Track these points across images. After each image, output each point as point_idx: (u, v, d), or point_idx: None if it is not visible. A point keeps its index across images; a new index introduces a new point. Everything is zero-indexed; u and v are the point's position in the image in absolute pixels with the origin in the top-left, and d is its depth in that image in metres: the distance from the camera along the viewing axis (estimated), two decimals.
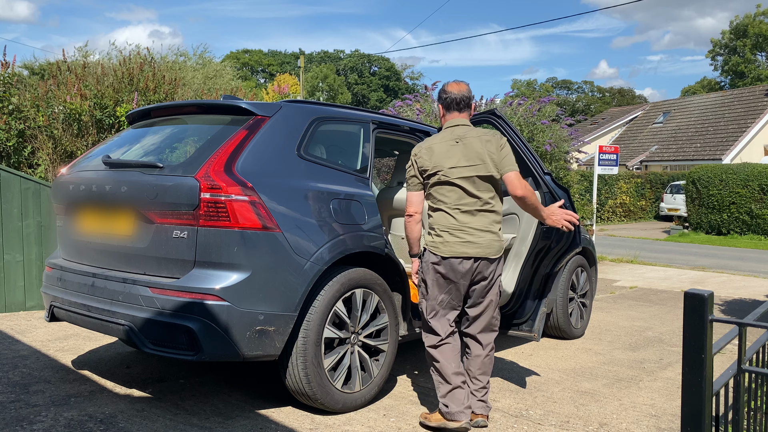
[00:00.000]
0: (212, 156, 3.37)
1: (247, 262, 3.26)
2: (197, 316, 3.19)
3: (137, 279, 3.43)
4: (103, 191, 3.67)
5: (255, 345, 3.30)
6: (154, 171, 3.50)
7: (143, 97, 6.99)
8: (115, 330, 3.46)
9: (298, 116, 3.82)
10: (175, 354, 3.30)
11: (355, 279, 3.67)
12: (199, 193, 3.23)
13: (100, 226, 3.74)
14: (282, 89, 9.30)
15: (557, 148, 10.82)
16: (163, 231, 3.35)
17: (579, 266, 5.95)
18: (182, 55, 30.65)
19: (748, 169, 18.74)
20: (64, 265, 3.98)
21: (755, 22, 49.46)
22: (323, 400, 3.55)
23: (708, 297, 1.76)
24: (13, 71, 6.73)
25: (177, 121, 4.23)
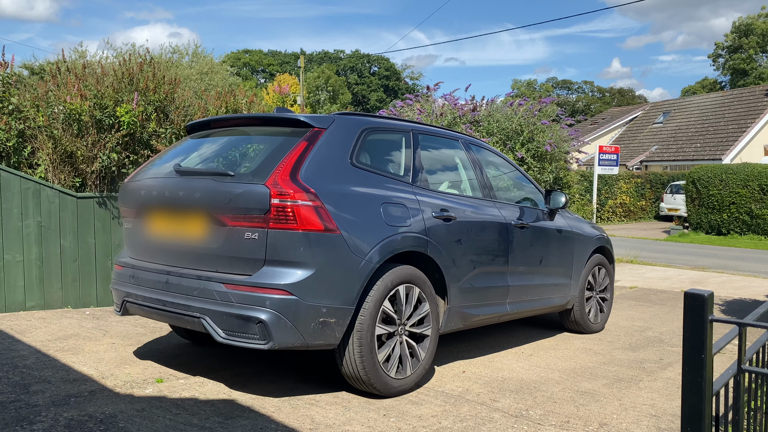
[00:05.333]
0: (279, 165, 3.75)
1: (312, 261, 3.64)
2: (268, 309, 3.56)
3: (211, 276, 3.78)
4: (177, 197, 4.03)
5: (318, 335, 3.70)
6: (226, 179, 3.86)
7: (143, 97, 6.99)
8: (190, 322, 3.83)
9: (349, 127, 4.21)
10: (248, 343, 3.63)
11: (402, 275, 4.05)
12: (269, 199, 3.60)
13: (173, 228, 4.08)
14: (282, 89, 9.29)
15: (557, 148, 10.82)
16: (235, 233, 3.71)
17: (598, 264, 6.21)
18: (176, 51, 30.74)
19: (748, 169, 18.73)
20: (135, 263, 4.31)
21: (758, 22, 49.47)
22: (377, 385, 3.92)
23: (708, 297, 1.76)
24: (12, 71, 6.73)
25: (237, 132, 4.61)
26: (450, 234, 4.45)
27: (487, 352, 5.36)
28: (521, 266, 5.18)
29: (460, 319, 4.61)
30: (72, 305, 6.50)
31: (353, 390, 4.12)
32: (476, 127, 10.23)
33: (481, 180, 5.14)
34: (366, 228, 3.88)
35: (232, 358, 4.89)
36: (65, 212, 6.47)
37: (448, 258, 4.40)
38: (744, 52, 50.70)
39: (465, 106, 10.55)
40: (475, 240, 4.71)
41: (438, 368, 4.79)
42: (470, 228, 4.67)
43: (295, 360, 4.87)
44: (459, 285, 4.51)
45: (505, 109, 10.88)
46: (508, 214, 5.14)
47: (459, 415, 3.82)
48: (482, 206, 4.94)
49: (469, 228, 4.65)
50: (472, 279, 4.64)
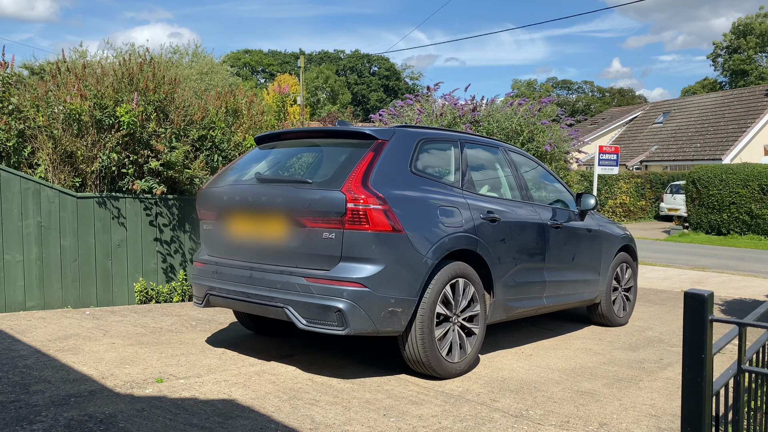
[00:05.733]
0: (351, 173, 4.23)
1: (382, 257, 4.12)
2: (345, 299, 4.03)
3: (293, 271, 4.26)
4: (259, 201, 4.53)
5: (387, 322, 4.17)
6: (305, 186, 4.39)
7: (143, 96, 6.99)
8: (274, 312, 4.33)
9: (407, 139, 4.69)
10: (327, 329, 4.09)
11: (456, 271, 4.52)
12: (345, 204, 4.08)
13: (255, 229, 4.56)
14: (282, 89, 9.29)
15: (557, 148, 10.82)
16: (314, 233, 4.20)
17: (623, 261, 6.70)
18: (176, 51, 30.72)
19: (748, 169, 18.73)
20: (217, 260, 4.78)
21: (756, 22, 49.43)
22: (435, 367, 4.38)
23: (708, 297, 1.76)
24: (12, 71, 6.73)
25: (306, 143, 5.18)
26: (495, 234, 4.91)
27: (487, 352, 5.36)
28: (556, 263, 5.64)
29: (504, 311, 5.08)
30: (72, 305, 6.50)
31: (412, 372, 4.54)
32: (476, 127, 10.23)
33: (519, 183, 5.62)
34: (426, 228, 4.37)
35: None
36: (65, 212, 6.47)
37: (494, 255, 4.87)
38: (743, 52, 50.67)
39: (465, 106, 10.55)
40: (517, 239, 5.19)
41: None
42: (512, 228, 5.14)
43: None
44: (503, 280, 4.98)
45: (505, 109, 10.88)
46: (544, 214, 5.60)
47: (459, 415, 3.82)
48: (521, 208, 5.41)
49: (511, 228, 5.12)
50: (514, 275, 5.11)
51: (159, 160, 6.92)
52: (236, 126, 7.78)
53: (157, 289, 6.99)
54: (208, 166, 7.41)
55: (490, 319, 4.94)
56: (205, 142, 7.44)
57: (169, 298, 7.08)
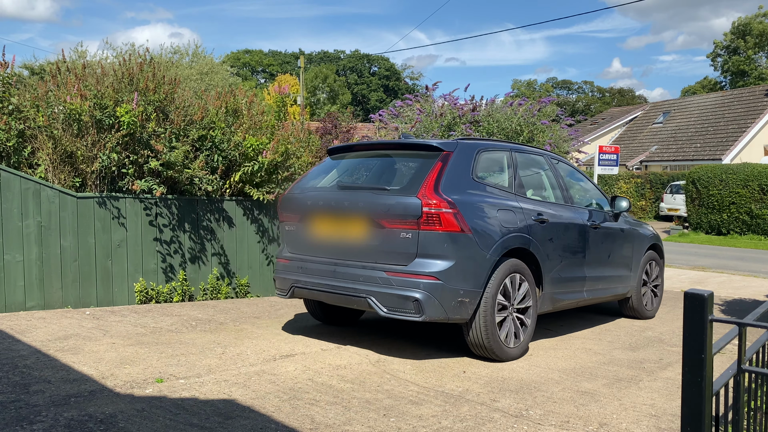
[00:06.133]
0: (424, 181, 4.82)
1: (452, 254, 4.69)
2: (422, 290, 4.61)
3: (374, 266, 4.86)
4: (342, 206, 5.13)
5: (456, 311, 4.73)
6: (383, 192, 4.99)
7: (143, 97, 6.98)
8: (357, 301, 4.93)
9: (468, 150, 5.26)
10: (405, 316, 4.68)
11: (513, 266, 5.08)
12: (421, 208, 4.66)
13: (338, 230, 5.15)
14: (282, 89, 9.29)
15: (557, 148, 10.82)
16: (392, 233, 4.78)
17: (652, 260, 7.22)
18: (176, 51, 30.73)
19: (748, 169, 18.73)
20: (302, 257, 5.39)
21: (755, 21, 49.39)
22: (495, 351, 4.92)
23: (708, 297, 1.76)
24: (12, 71, 6.73)
25: (376, 154, 5.77)
26: (545, 234, 5.46)
27: None
28: (595, 260, 6.17)
29: (551, 303, 5.61)
30: (72, 305, 6.50)
31: (473, 355, 5.09)
32: (476, 127, 10.23)
33: (561, 187, 6.18)
34: (488, 229, 4.94)
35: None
36: (65, 212, 6.46)
37: (544, 253, 5.42)
38: (742, 53, 50.64)
39: (465, 106, 10.55)
40: (562, 238, 5.75)
41: (438, 368, 4.79)
42: (558, 228, 5.70)
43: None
44: (551, 275, 5.52)
45: (504, 109, 10.88)
46: (584, 216, 6.16)
47: (459, 415, 3.82)
48: (565, 210, 5.96)
49: (557, 228, 5.68)
50: (560, 270, 5.65)
51: (159, 160, 6.92)
52: (236, 126, 7.78)
53: (157, 289, 6.99)
54: (208, 166, 7.41)
55: (539, 310, 5.46)
56: (205, 142, 7.44)
57: (169, 298, 7.08)
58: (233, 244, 7.59)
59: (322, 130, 9.11)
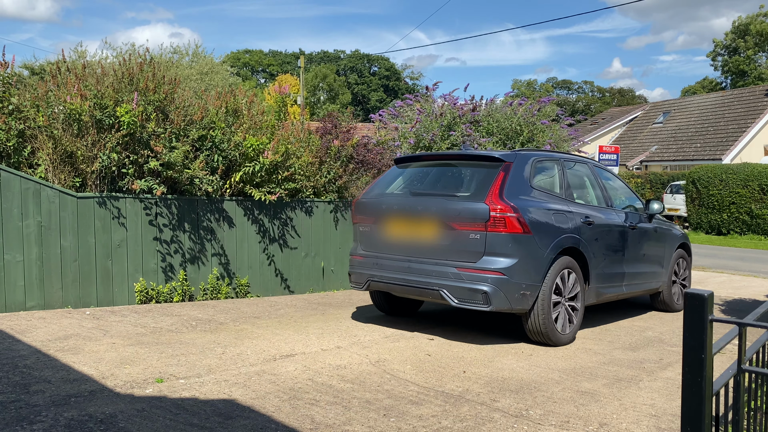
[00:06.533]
0: (490, 189, 5.47)
1: (515, 252, 5.31)
2: (489, 284, 5.25)
3: (445, 263, 5.48)
4: (415, 210, 5.79)
5: (519, 302, 5.36)
6: (453, 198, 5.66)
7: (143, 96, 6.98)
8: (430, 293, 5.57)
9: (525, 160, 5.88)
10: (475, 306, 5.32)
11: (566, 263, 5.70)
12: (489, 212, 5.29)
13: (411, 231, 5.78)
14: (282, 89, 9.29)
15: (557, 148, 10.83)
16: (462, 234, 5.42)
17: (681, 257, 7.80)
18: (176, 51, 30.72)
19: (748, 169, 18.73)
20: (377, 255, 6.03)
21: (757, 21, 49.35)
22: (551, 337, 5.54)
23: (708, 297, 1.76)
24: (12, 71, 6.73)
25: (441, 164, 6.40)
26: (591, 234, 6.08)
27: (487, 352, 5.37)
28: (632, 258, 6.76)
29: (595, 296, 6.22)
30: (72, 305, 6.50)
31: (531, 341, 5.71)
32: (476, 127, 10.23)
33: (603, 192, 6.80)
34: (546, 230, 5.55)
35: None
36: (65, 212, 6.47)
37: (590, 252, 6.02)
38: (743, 53, 50.61)
39: (465, 106, 10.55)
40: (606, 238, 6.34)
41: (438, 368, 4.79)
42: (603, 229, 6.30)
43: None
44: (596, 271, 6.12)
45: (504, 109, 10.88)
46: (623, 218, 6.75)
47: (459, 415, 3.82)
48: (607, 212, 6.55)
49: (602, 229, 6.28)
50: (603, 267, 6.25)
51: (159, 160, 6.92)
52: (236, 126, 7.78)
53: (157, 289, 6.99)
54: (207, 166, 7.41)
55: (586, 302, 6.05)
56: (205, 142, 7.44)
57: (169, 298, 7.09)
58: (233, 244, 7.59)
59: (322, 130, 9.11)
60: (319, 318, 6.52)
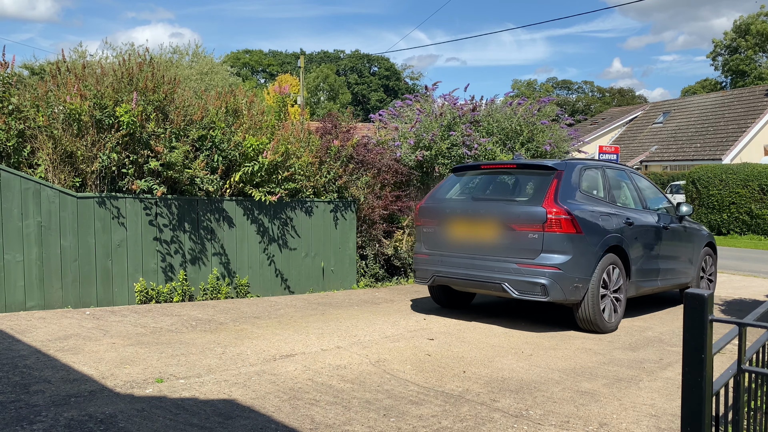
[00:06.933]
0: (546, 194, 6.16)
1: (569, 250, 5.98)
2: (547, 278, 5.93)
3: (506, 260, 6.16)
4: (478, 213, 6.52)
5: (572, 294, 6.03)
6: (513, 203, 6.43)
7: (143, 96, 6.98)
8: (492, 286, 6.24)
9: (574, 168, 6.57)
10: (534, 298, 6.00)
11: (611, 260, 6.36)
12: (546, 215, 5.98)
13: (473, 232, 6.46)
14: (282, 89, 9.29)
15: (557, 148, 10.82)
16: (522, 234, 6.10)
17: (707, 254, 8.50)
18: (176, 51, 30.72)
19: (748, 169, 18.72)
20: (441, 253, 6.68)
21: (758, 21, 49.31)
22: (599, 324, 6.20)
23: (708, 297, 1.76)
24: (12, 71, 6.73)
25: (500, 172, 7.10)
26: (632, 234, 6.71)
27: (487, 352, 5.37)
28: (666, 255, 7.41)
29: (635, 289, 6.84)
30: (72, 305, 6.50)
31: (579, 329, 6.35)
32: (476, 127, 10.23)
33: (639, 196, 7.47)
34: (595, 231, 6.22)
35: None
36: (65, 212, 6.46)
37: (631, 249, 6.65)
38: (743, 52, 50.58)
39: (464, 106, 10.55)
40: (644, 237, 6.95)
41: (438, 368, 4.80)
42: (641, 229, 6.92)
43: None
44: (636, 267, 6.76)
45: (504, 109, 10.87)
46: (657, 219, 7.37)
47: (459, 415, 3.82)
48: (644, 214, 7.19)
49: (641, 229, 6.91)
50: (642, 263, 6.88)
51: (159, 160, 6.92)
52: (236, 126, 7.78)
53: (157, 289, 6.99)
54: (207, 166, 7.41)
55: (627, 294, 6.67)
56: (205, 142, 7.44)
57: (170, 298, 7.08)
58: (233, 244, 7.59)
59: (322, 130, 9.11)
60: (319, 318, 6.52)
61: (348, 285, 8.67)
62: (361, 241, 8.93)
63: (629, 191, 7.42)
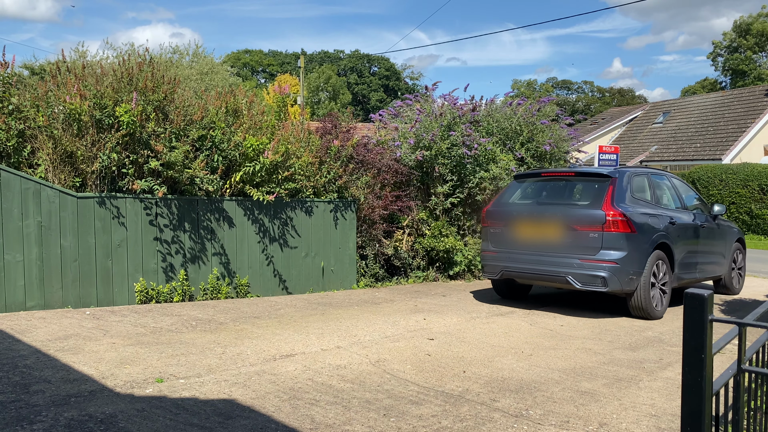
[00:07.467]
0: (604, 199, 7.02)
1: (625, 247, 6.82)
2: (606, 271, 6.78)
3: (570, 256, 7.01)
4: (543, 215, 7.37)
5: (627, 285, 6.86)
6: (574, 206, 7.29)
7: (142, 96, 6.98)
8: (558, 279, 7.07)
9: (625, 175, 7.44)
10: (594, 288, 6.84)
11: (659, 255, 7.18)
12: (605, 217, 6.84)
13: (538, 232, 7.29)
14: (282, 89, 9.28)
15: (557, 148, 10.82)
16: (583, 234, 6.96)
17: (737, 250, 9.39)
18: (176, 51, 30.72)
19: (748, 169, 18.72)
20: (508, 250, 7.51)
21: (758, 21, 49.28)
22: (650, 312, 7.05)
23: (708, 297, 1.76)
24: (12, 71, 6.73)
25: (558, 179, 7.95)
26: (675, 232, 7.54)
27: (487, 351, 5.37)
28: (703, 250, 8.27)
29: (677, 280, 7.63)
30: (72, 305, 6.50)
31: (632, 315, 7.20)
32: (476, 127, 10.23)
33: (678, 197, 8.32)
34: (646, 230, 7.06)
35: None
36: (65, 212, 6.47)
37: (675, 245, 7.46)
38: (742, 52, 50.55)
39: (464, 106, 10.55)
40: (684, 235, 7.77)
41: (438, 368, 4.80)
42: (683, 227, 7.76)
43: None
44: (678, 261, 7.56)
45: (504, 109, 10.87)
46: (694, 217, 8.18)
47: (459, 415, 3.82)
48: (684, 214, 8.01)
49: (682, 227, 7.75)
50: (683, 257, 7.70)
51: (159, 160, 6.92)
52: (236, 126, 7.78)
53: (157, 289, 6.99)
54: (207, 166, 7.41)
55: (671, 285, 7.43)
56: (205, 141, 7.44)
57: (170, 298, 7.08)
58: (233, 243, 7.59)
59: (322, 130, 9.11)
60: (319, 318, 6.52)
61: (348, 285, 8.67)
62: (361, 241, 8.93)
63: (669, 193, 8.24)
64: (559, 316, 7.17)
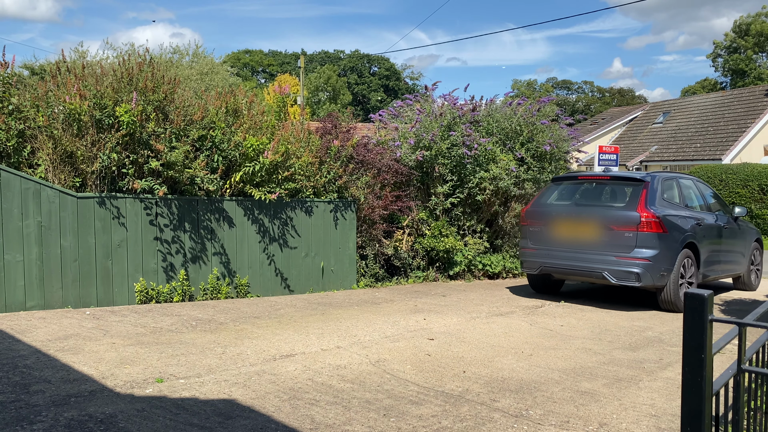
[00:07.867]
0: (639, 201, 7.53)
1: (657, 246, 7.36)
2: (640, 267, 7.30)
3: (606, 253, 7.53)
4: (580, 215, 7.91)
5: (659, 280, 7.39)
6: (611, 208, 7.82)
7: (142, 96, 6.98)
8: (594, 275, 7.59)
9: (657, 179, 7.93)
10: (628, 283, 7.37)
11: (687, 254, 7.70)
12: (640, 218, 7.37)
13: (576, 231, 7.82)
14: (282, 89, 9.28)
15: (557, 148, 10.82)
16: (618, 233, 7.48)
17: (756, 249, 9.94)
18: (176, 51, 30.73)
19: (748, 169, 18.72)
20: (547, 248, 8.03)
21: (758, 21, 49.26)
22: (678, 306, 7.51)
23: (708, 297, 1.76)
24: (12, 71, 6.73)
25: (594, 182, 8.43)
26: (701, 232, 8.08)
27: (487, 352, 5.37)
28: (725, 249, 8.81)
29: (702, 277, 8.13)
30: (72, 305, 6.50)
31: (660, 309, 7.71)
32: (476, 127, 10.23)
33: (703, 200, 8.87)
34: (676, 230, 7.59)
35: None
36: (65, 212, 6.47)
37: (701, 245, 7.98)
38: (742, 52, 50.54)
39: (464, 106, 10.55)
40: (709, 234, 8.31)
41: (438, 368, 4.80)
42: (707, 228, 8.31)
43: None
44: (703, 259, 8.08)
45: (504, 109, 10.87)
46: (717, 219, 8.74)
47: (459, 415, 3.82)
48: (708, 215, 8.58)
49: (707, 228, 8.28)
50: (707, 256, 8.21)
51: (159, 160, 6.92)
52: (236, 126, 7.78)
53: (157, 289, 6.99)
54: (208, 166, 7.41)
55: (697, 282, 7.98)
56: (205, 142, 7.44)
57: (170, 298, 7.08)
58: (233, 243, 7.59)
59: (322, 130, 9.11)
60: (319, 318, 6.52)
61: (348, 285, 8.68)
62: (361, 241, 8.93)
63: (695, 196, 8.79)
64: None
